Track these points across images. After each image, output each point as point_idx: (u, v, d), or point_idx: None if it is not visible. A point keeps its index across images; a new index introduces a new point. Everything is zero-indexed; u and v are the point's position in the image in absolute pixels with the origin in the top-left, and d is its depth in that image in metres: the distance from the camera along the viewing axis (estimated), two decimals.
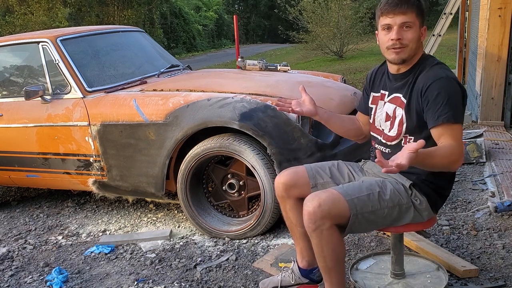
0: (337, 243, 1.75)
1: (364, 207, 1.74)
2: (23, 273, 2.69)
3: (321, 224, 1.69)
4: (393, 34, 1.73)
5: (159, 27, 22.60)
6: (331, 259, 1.76)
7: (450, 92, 1.67)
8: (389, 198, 1.77)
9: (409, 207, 1.79)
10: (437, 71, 1.73)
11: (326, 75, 3.88)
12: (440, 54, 11.54)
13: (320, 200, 1.70)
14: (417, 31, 1.74)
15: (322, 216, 1.68)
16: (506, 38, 4.35)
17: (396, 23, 1.72)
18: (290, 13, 15.90)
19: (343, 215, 1.72)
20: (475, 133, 4.24)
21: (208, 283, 2.38)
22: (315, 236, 1.73)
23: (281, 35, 17.34)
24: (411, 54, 1.76)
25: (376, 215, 1.77)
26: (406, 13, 1.70)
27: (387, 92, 1.89)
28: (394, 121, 1.83)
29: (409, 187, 1.80)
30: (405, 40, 1.73)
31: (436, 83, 1.69)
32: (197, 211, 2.88)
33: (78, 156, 3.13)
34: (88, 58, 3.39)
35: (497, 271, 2.23)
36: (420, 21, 1.74)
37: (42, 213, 3.62)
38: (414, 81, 1.77)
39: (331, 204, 1.70)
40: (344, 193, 1.75)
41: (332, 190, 1.76)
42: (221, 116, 2.64)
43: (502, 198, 2.95)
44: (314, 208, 1.69)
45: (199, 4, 30.12)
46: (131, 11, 18.60)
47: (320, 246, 1.74)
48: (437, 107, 1.66)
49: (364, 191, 1.77)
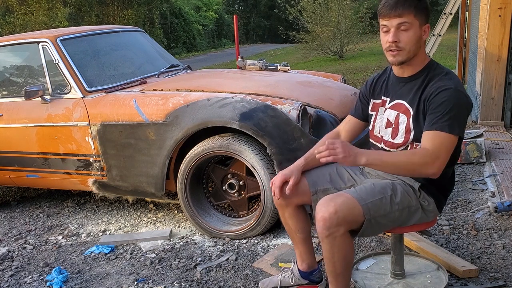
0: (349, 249, 1.72)
1: (378, 211, 1.72)
2: (23, 273, 2.69)
3: (335, 231, 1.65)
4: (389, 37, 1.72)
5: (159, 27, 22.60)
6: (340, 265, 1.74)
7: (455, 104, 1.65)
8: (400, 201, 1.76)
9: (417, 208, 1.79)
10: (447, 82, 1.70)
11: (326, 75, 3.88)
12: (440, 54, 11.55)
13: (337, 206, 1.65)
14: (416, 32, 1.71)
15: (338, 223, 1.64)
16: (506, 38, 4.35)
17: (393, 25, 1.70)
18: (290, 13, 15.88)
19: (358, 220, 1.69)
20: (475, 133, 4.24)
21: (208, 283, 2.38)
22: (328, 242, 1.68)
23: (281, 35, 17.32)
24: (410, 55, 1.74)
25: (388, 218, 1.75)
26: (402, 15, 1.68)
27: (388, 99, 1.88)
28: (398, 128, 1.81)
29: (418, 189, 1.79)
30: (402, 42, 1.71)
31: (444, 92, 1.67)
32: (197, 211, 2.88)
33: (78, 156, 3.13)
34: (88, 58, 3.39)
35: (497, 271, 2.23)
36: (420, 20, 1.71)
37: (42, 213, 3.62)
38: (423, 89, 1.75)
39: (347, 210, 1.66)
40: (359, 197, 1.71)
41: (347, 195, 1.72)
42: (221, 116, 2.64)
43: (502, 198, 2.95)
44: (330, 214, 1.64)
45: (199, 4, 30.11)
46: (131, 11, 18.60)
47: (332, 252, 1.71)
48: (438, 114, 1.65)
49: (377, 195, 1.74)
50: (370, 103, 1.98)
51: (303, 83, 3.33)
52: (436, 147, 1.64)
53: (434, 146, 1.64)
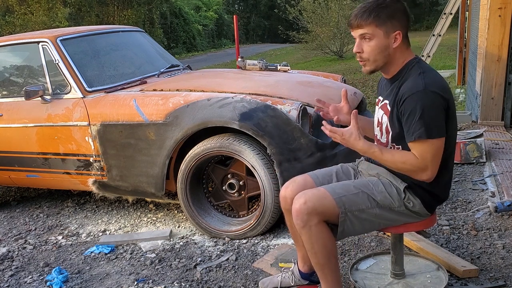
0: (327, 238, 1.78)
1: (353, 205, 1.76)
2: (23, 273, 2.69)
3: (308, 220, 1.73)
4: (354, 47, 1.77)
5: (159, 27, 22.60)
6: (322, 255, 1.79)
7: (424, 106, 1.62)
8: (379, 199, 1.78)
9: (401, 210, 1.80)
10: (417, 82, 1.67)
11: (326, 75, 3.88)
12: (440, 54, 11.54)
13: (306, 197, 1.75)
14: (380, 41, 1.70)
15: (308, 212, 1.73)
16: (506, 38, 4.35)
17: (356, 35, 1.75)
18: (290, 13, 15.89)
19: (331, 212, 1.75)
20: (475, 133, 4.24)
21: (208, 283, 2.38)
22: (304, 232, 1.76)
23: (281, 35, 17.33)
24: (378, 64, 1.75)
25: (368, 213, 1.78)
26: (362, 26, 1.70)
27: (381, 98, 1.90)
28: (382, 128, 1.85)
29: (403, 190, 1.79)
30: (364, 53, 1.74)
31: (411, 97, 1.65)
32: (197, 211, 2.88)
33: (78, 156, 3.13)
34: (88, 58, 3.39)
35: (497, 271, 2.23)
36: (385, 30, 1.69)
37: (42, 213, 3.62)
38: (398, 90, 1.74)
39: (317, 200, 1.74)
40: (332, 191, 1.78)
41: (320, 188, 1.81)
42: (221, 116, 2.64)
43: (502, 198, 2.95)
44: (300, 205, 1.74)
45: (199, 4, 30.11)
46: (131, 11, 18.61)
47: (310, 242, 1.77)
48: (411, 123, 1.66)
49: (352, 190, 1.80)
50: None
51: (303, 83, 3.33)
52: (422, 156, 1.66)
53: (420, 156, 1.67)
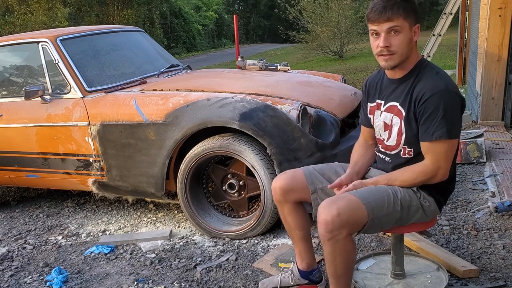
0: (351, 252, 1.70)
1: (381, 210, 1.70)
2: (23, 273, 2.69)
3: (337, 234, 1.62)
4: (380, 42, 1.68)
5: (159, 27, 22.59)
6: (342, 267, 1.72)
7: (448, 106, 1.63)
8: (401, 200, 1.75)
9: (418, 208, 1.78)
10: (437, 82, 1.67)
11: (326, 75, 3.87)
12: (440, 54, 11.55)
13: (339, 209, 1.61)
14: (407, 34, 1.68)
15: (340, 226, 1.61)
16: (506, 38, 4.35)
17: (383, 29, 1.67)
18: (290, 13, 15.88)
19: (361, 221, 1.66)
20: (475, 133, 4.24)
21: (208, 283, 2.38)
22: (330, 245, 1.65)
23: (281, 35, 17.33)
24: (402, 58, 1.71)
25: (389, 217, 1.74)
26: (392, 19, 1.65)
27: (383, 101, 1.86)
28: (392, 130, 1.81)
29: (417, 189, 1.79)
30: (393, 46, 1.68)
31: (433, 97, 1.64)
32: (197, 211, 2.88)
33: (77, 156, 3.12)
34: (88, 58, 3.39)
35: (497, 271, 2.23)
36: (410, 22, 1.68)
37: (42, 213, 3.62)
38: (412, 89, 1.73)
39: (350, 212, 1.63)
40: (361, 197, 1.69)
41: (350, 196, 1.69)
42: (221, 116, 2.64)
43: (503, 198, 2.95)
44: (333, 217, 1.60)
45: (199, 4, 30.12)
46: (131, 11, 18.59)
47: (333, 255, 1.68)
48: (432, 122, 1.64)
49: (379, 194, 1.73)
50: (367, 107, 1.97)
51: (303, 83, 3.33)
52: (438, 157, 1.66)
53: (436, 157, 1.66)
